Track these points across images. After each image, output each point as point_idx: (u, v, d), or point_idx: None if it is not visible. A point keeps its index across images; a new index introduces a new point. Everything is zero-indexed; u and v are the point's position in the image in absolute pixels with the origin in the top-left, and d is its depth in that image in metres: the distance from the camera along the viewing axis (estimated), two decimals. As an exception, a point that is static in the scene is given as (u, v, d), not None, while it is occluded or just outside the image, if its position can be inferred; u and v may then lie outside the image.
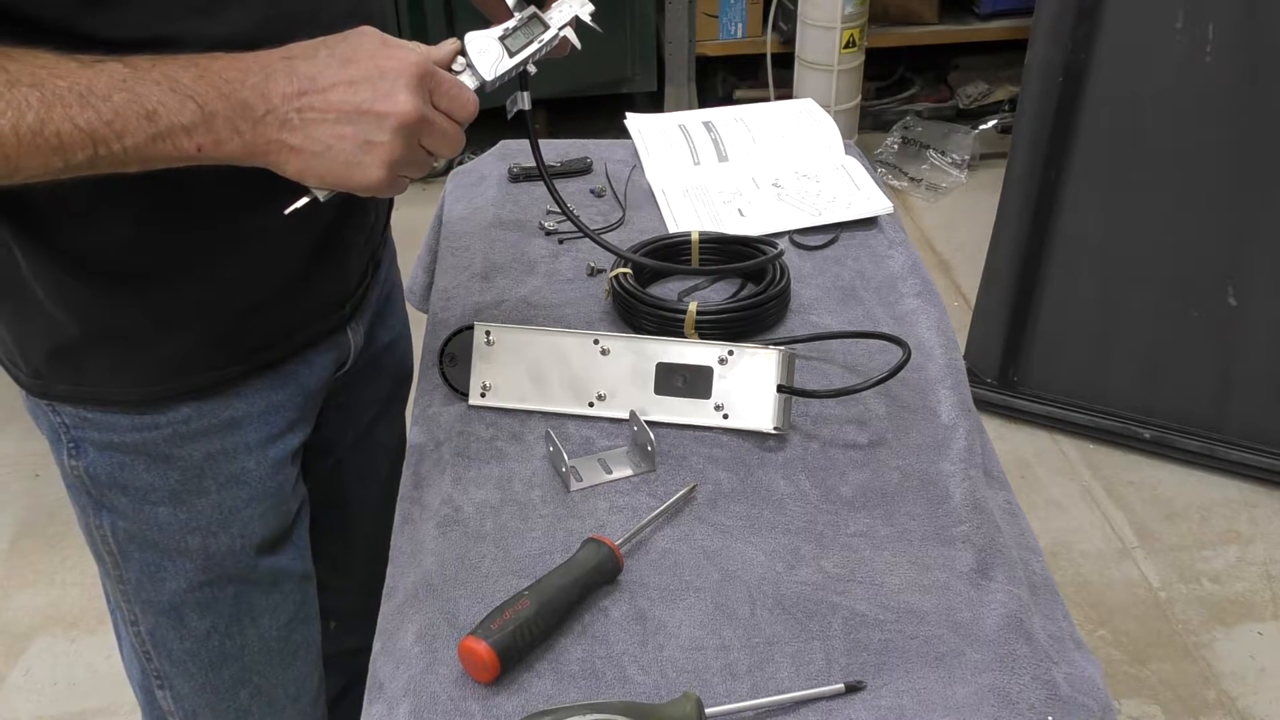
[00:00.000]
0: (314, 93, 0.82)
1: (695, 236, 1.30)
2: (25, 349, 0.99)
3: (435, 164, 0.91)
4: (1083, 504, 2.40)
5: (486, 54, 0.93)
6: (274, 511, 1.10)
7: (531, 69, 0.96)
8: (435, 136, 0.87)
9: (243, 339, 1.02)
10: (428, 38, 0.90)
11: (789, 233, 1.38)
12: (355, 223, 1.10)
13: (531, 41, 0.95)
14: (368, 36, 0.86)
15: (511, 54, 0.94)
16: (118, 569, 1.08)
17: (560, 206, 1.05)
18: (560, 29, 0.96)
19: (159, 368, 0.99)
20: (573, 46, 0.99)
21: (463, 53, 0.93)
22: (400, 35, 0.89)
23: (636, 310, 1.21)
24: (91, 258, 0.93)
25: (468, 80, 0.92)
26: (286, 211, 0.89)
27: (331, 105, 0.82)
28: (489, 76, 0.93)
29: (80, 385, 0.99)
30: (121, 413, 1.00)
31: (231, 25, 0.87)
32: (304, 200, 0.89)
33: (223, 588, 1.09)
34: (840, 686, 0.86)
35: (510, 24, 0.95)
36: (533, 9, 0.96)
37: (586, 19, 0.97)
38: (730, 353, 1.09)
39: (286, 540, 1.13)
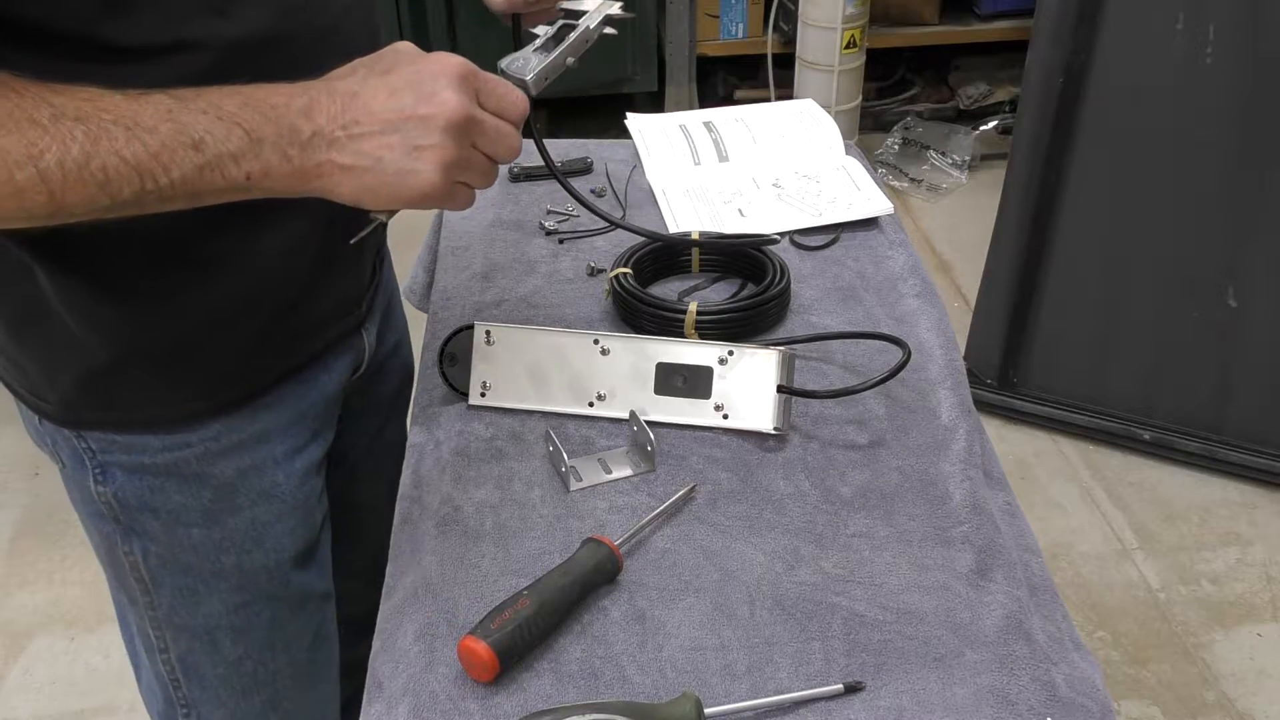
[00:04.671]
0: (357, 107, 0.81)
1: (695, 235, 1.30)
2: (53, 377, 0.97)
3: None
4: (1082, 505, 2.40)
5: (524, 61, 0.95)
6: (303, 524, 1.09)
7: (571, 61, 0.97)
8: (489, 137, 0.85)
9: (270, 345, 1.01)
10: (428, 36, 0.90)
11: (789, 233, 1.38)
12: (368, 217, 1.10)
13: (565, 41, 0.97)
14: (403, 49, 0.85)
15: (547, 54, 0.96)
16: (147, 595, 1.06)
17: (577, 198, 1.06)
18: (595, 25, 0.98)
19: (193, 383, 0.98)
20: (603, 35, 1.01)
21: (500, 73, 0.94)
22: (401, 34, 0.89)
23: (636, 310, 1.21)
24: (121, 276, 0.91)
25: None
26: (353, 242, 0.89)
27: (375, 116, 0.80)
28: (528, 76, 0.93)
29: (112, 410, 0.97)
30: (152, 433, 0.98)
31: (245, 23, 0.86)
32: (369, 227, 0.89)
33: (258, 610, 1.08)
34: (839, 687, 0.86)
35: (540, 40, 0.97)
36: (562, 20, 0.97)
37: (616, 12, 0.99)
38: (730, 353, 1.09)
39: (314, 555, 1.11)
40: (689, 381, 1.09)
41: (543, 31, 0.98)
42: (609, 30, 1.00)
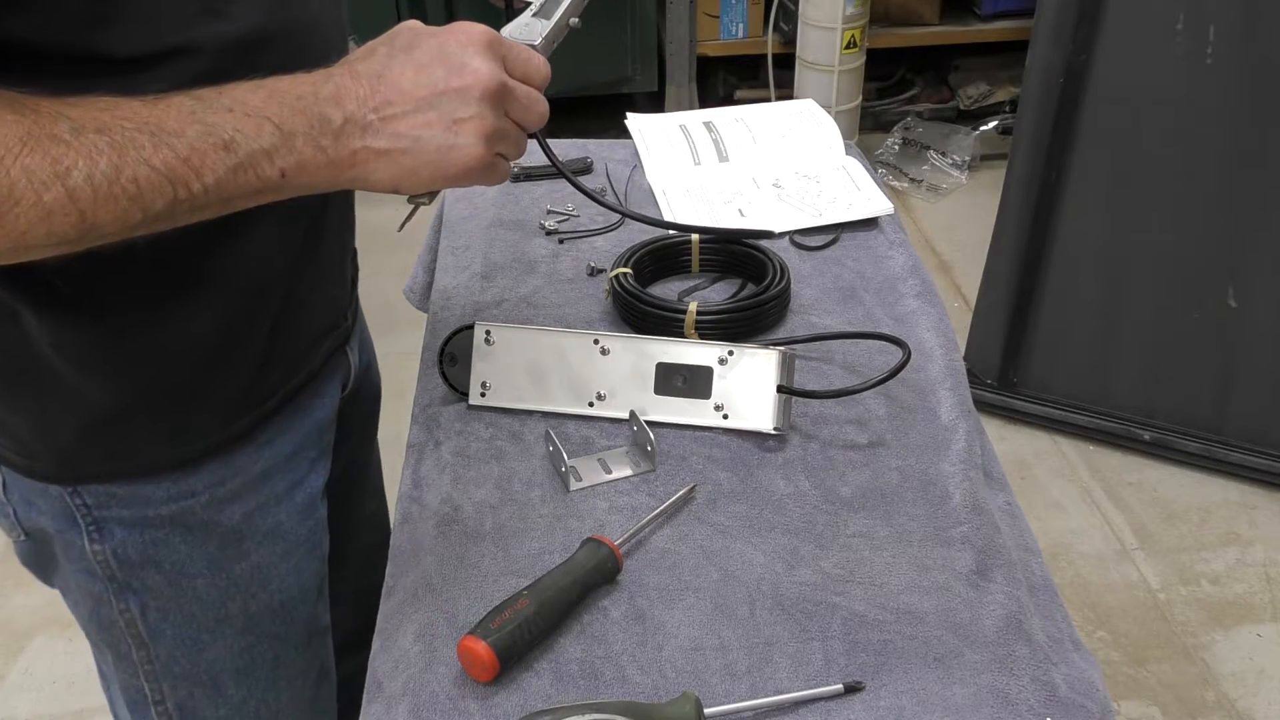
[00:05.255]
0: (386, 88, 0.78)
1: (695, 236, 1.30)
2: (49, 433, 0.91)
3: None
4: (1082, 505, 2.40)
5: (528, 27, 0.93)
6: (308, 559, 1.07)
7: (575, 22, 0.95)
8: (520, 104, 0.83)
9: (271, 361, 0.97)
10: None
11: (789, 233, 1.38)
12: (348, 221, 1.08)
13: (565, 2, 0.95)
14: (416, 25, 0.82)
15: (549, 17, 0.94)
16: (143, 650, 1.02)
17: (581, 189, 1.04)
18: None
19: (198, 418, 0.94)
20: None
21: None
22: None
23: (636, 310, 1.21)
24: (114, 307, 0.86)
25: None
26: (400, 230, 0.87)
27: (406, 95, 0.78)
28: (537, 41, 0.92)
29: (116, 460, 0.93)
30: (156, 482, 0.94)
31: (241, 21, 0.82)
32: (410, 211, 0.87)
33: (262, 650, 1.05)
34: (839, 687, 0.86)
35: (536, 6, 0.95)
36: None
37: None
38: (730, 353, 1.09)
39: (318, 591, 1.09)
40: (689, 381, 1.09)
41: None
42: None
